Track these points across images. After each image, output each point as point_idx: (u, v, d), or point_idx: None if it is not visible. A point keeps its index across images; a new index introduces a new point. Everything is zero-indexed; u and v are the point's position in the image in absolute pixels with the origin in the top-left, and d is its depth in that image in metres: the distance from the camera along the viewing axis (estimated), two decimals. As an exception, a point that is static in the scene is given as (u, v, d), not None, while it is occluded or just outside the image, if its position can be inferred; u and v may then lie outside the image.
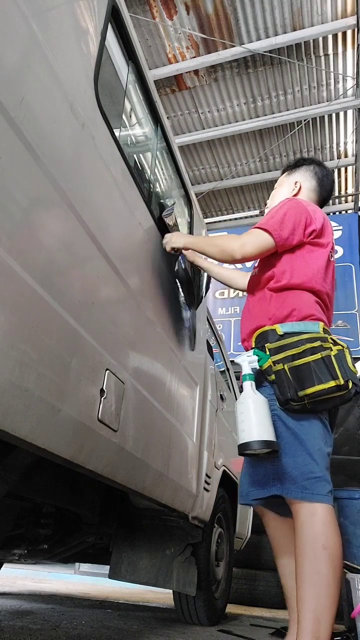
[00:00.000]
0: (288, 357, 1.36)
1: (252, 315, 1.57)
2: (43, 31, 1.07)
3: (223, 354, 3.45)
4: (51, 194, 1.06)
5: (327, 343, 1.38)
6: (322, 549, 1.23)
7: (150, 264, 1.72)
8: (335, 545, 1.25)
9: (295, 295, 1.48)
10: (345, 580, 2.30)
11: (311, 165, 1.82)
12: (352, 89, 5.66)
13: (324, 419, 1.41)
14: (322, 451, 1.35)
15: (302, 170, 1.81)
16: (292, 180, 1.80)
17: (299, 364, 1.33)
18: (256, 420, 1.30)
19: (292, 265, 1.53)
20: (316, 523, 1.27)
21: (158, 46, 5.42)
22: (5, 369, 0.87)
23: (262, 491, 1.39)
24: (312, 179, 1.78)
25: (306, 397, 1.30)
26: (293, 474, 1.32)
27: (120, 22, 1.65)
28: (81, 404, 1.13)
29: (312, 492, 1.30)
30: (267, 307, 1.51)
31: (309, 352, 1.34)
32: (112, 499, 2.11)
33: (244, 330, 1.62)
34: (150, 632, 1.95)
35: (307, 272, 1.51)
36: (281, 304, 1.48)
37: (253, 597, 4.14)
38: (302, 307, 1.46)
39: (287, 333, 1.41)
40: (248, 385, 1.38)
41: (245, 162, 6.93)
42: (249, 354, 1.45)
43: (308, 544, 1.25)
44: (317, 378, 1.30)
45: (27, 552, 2.13)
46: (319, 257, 1.56)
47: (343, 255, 6.88)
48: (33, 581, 4.51)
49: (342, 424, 4.51)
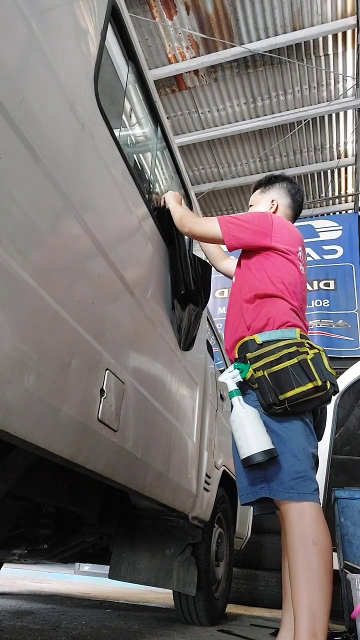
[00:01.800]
0: (267, 364, 1.42)
1: (233, 326, 1.64)
2: (43, 31, 1.07)
3: (223, 353, 3.45)
4: (51, 194, 1.06)
5: (303, 348, 1.44)
6: (312, 544, 1.27)
7: (150, 264, 1.72)
8: (325, 541, 1.29)
9: (269, 304, 1.56)
10: (345, 580, 2.30)
11: (284, 182, 1.91)
12: (352, 89, 5.66)
13: (307, 420, 1.46)
14: (305, 451, 1.40)
15: (276, 188, 1.90)
16: (268, 198, 1.89)
17: (277, 370, 1.39)
18: (252, 432, 1.36)
19: (264, 274, 1.62)
20: (305, 521, 1.31)
21: (158, 46, 5.42)
22: (5, 369, 0.87)
23: (251, 495, 1.42)
24: (286, 196, 1.88)
25: (286, 401, 1.36)
26: (279, 476, 1.36)
27: (120, 22, 1.65)
28: (81, 404, 1.13)
29: (299, 491, 1.34)
30: (244, 317, 1.59)
31: (285, 358, 1.40)
32: (112, 499, 2.11)
33: (227, 341, 1.68)
34: (150, 632, 1.95)
35: (279, 280, 1.59)
36: (257, 314, 1.55)
37: (253, 597, 4.14)
38: (277, 315, 1.52)
39: (265, 342, 1.48)
40: (236, 401, 1.43)
41: (245, 162, 6.93)
42: (230, 369, 1.50)
43: (299, 541, 1.29)
44: (295, 381, 1.36)
45: (27, 552, 2.13)
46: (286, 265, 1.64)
47: (343, 255, 6.88)
48: (33, 581, 4.51)
49: (343, 424, 4.51)
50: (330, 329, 6.40)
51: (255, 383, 1.42)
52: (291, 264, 1.65)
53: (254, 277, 1.63)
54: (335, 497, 2.66)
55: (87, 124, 1.25)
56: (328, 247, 6.96)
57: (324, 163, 6.80)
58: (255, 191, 1.96)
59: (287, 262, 1.65)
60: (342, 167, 6.85)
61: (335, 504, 2.67)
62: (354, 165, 6.65)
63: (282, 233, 1.68)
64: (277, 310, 1.53)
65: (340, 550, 2.57)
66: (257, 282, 1.61)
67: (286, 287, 1.58)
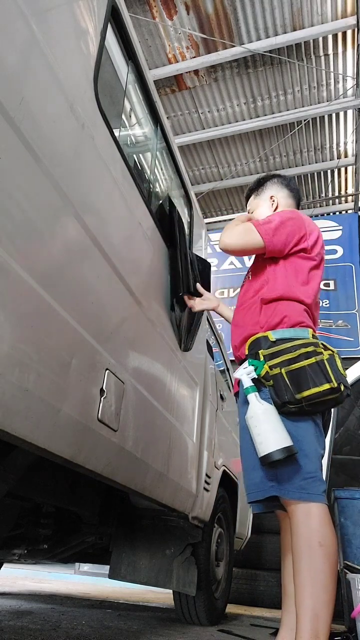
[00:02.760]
0: (284, 361, 1.40)
1: (243, 324, 1.62)
2: (43, 31, 1.07)
3: (223, 353, 3.45)
4: (51, 194, 1.06)
5: (319, 348, 1.44)
6: (318, 546, 1.27)
7: (150, 264, 1.72)
8: (331, 542, 1.28)
9: (285, 304, 1.54)
10: (345, 581, 2.30)
11: (273, 178, 1.89)
12: (352, 89, 5.66)
13: (318, 421, 1.46)
14: (317, 452, 1.40)
15: (268, 185, 1.87)
16: (266, 197, 1.85)
17: (296, 368, 1.38)
18: (271, 429, 1.34)
19: (283, 277, 1.59)
20: (312, 522, 1.31)
21: (158, 46, 5.42)
22: (5, 369, 0.87)
23: (260, 493, 1.42)
24: (282, 188, 1.85)
25: (303, 400, 1.36)
26: (291, 475, 1.35)
27: (120, 22, 1.65)
28: (81, 403, 1.13)
29: (309, 491, 1.34)
30: (257, 316, 1.57)
31: (303, 357, 1.39)
32: (112, 499, 2.11)
33: (235, 338, 1.65)
34: (150, 632, 1.95)
35: (297, 284, 1.58)
36: (272, 312, 1.54)
37: (253, 597, 4.13)
38: (292, 314, 1.51)
39: (279, 339, 1.46)
40: (253, 397, 1.41)
41: (245, 162, 6.93)
42: (244, 366, 1.48)
43: (305, 542, 1.28)
44: (312, 381, 1.35)
45: (27, 552, 2.13)
46: (309, 270, 1.62)
47: (343, 255, 6.88)
48: (33, 581, 4.51)
49: (343, 424, 4.51)
50: (330, 329, 6.40)
51: (271, 380, 1.40)
52: (315, 270, 1.63)
53: (280, 279, 1.59)
54: (335, 497, 2.66)
55: (87, 124, 1.25)
56: (328, 247, 6.91)
57: (324, 163, 6.80)
58: (249, 199, 1.93)
59: (315, 265, 1.63)
60: (342, 167, 6.85)
61: (335, 504, 2.67)
62: (354, 165, 6.65)
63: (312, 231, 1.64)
64: (292, 310, 1.52)
65: (340, 550, 2.57)
66: (283, 285, 1.57)
67: (307, 294, 1.58)
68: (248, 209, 1.94)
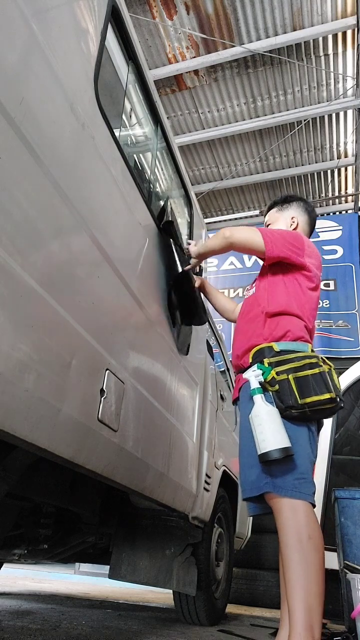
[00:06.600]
0: (291, 368, 1.50)
1: (246, 336, 1.71)
2: (43, 31, 1.07)
3: (223, 354, 3.45)
4: (51, 194, 1.06)
5: (319, 361, 1.55)
6: (308, 539, 1.33)
7: (150, 264, 1.72)
8: (319, 535, 1.35)
9: (287, 319, 1.65)
10: (345, 580, 2.30)
11: (300, 201, 1.97)
12: (352, 89, 5.66)
13: (313, 429, 1.55)
14: (309, 456, 1.49)
15: (294, 206, 1.95)
16: (288, 216, 1.93)
17: (303, 375, 1.49)
18: (272, 429, 1.42)
19: (285, 293, 1.69)
20: (300, 516, 1.37)
21: (158, 46, 5.42)
22: (6, 369, 0.87)
23: (255, 489, 1.47)
24: (304, 214, 1.94)
25: (306, 405, 1.45)
26: (285, 474, 1.43)
27: (120, 22, 1.65)
28: (81, 404, 1.13)
29: (300, 490, 1.41)
30: (261, 328, 1.66)
31: (307, 367, 1.50)
32: (112, 499, 2.11)
33: (238, 348, 1.73)
34: (150, 632, 1.95)
35: (296, 301, 1.68)
36: (275, 325, 1.65)
37: (253, 597, 4.14)
38: (294, 329, 1.63)
39: (283, 350, 1.57)
40: (259, 398, 1.49)
41: (245, 162, 6.93)
42: (253, 369, 1.56)
43: (294, 536, 1.34)
44: (314, 390, 1.46)
45: (27, 552, 2.13)
46: (308, 290, 1.72)
47: (343, 255, 6.88)
48: (33, 581, 4.51)
49: (343, 424, 4.51)
50: (330, 329, 6.40)
51: (276, 385, 1.50)
52: (315, 291, 1.74)
53: (282, 295, 1.69)
54: (335, 497, 2.66)
55: (87, 124, 1.25)
56: (328, 247, 6.96)
57: (324, 163, 6.80)
58: (271, 209, 2.00)
59: (313, 287, 1.73)
60: (342, 167, 6.85)
61: (335, 504, 2.67)
62: (354, 165, 6.65)
63: (312, 254, 1.75)
64: (294, 325, 1.63)
65: (340, 550, 2.57)
66: (285, 300, 1.67)
67: (307, 312, 1.69)
68: (266, 219, 2.01)
